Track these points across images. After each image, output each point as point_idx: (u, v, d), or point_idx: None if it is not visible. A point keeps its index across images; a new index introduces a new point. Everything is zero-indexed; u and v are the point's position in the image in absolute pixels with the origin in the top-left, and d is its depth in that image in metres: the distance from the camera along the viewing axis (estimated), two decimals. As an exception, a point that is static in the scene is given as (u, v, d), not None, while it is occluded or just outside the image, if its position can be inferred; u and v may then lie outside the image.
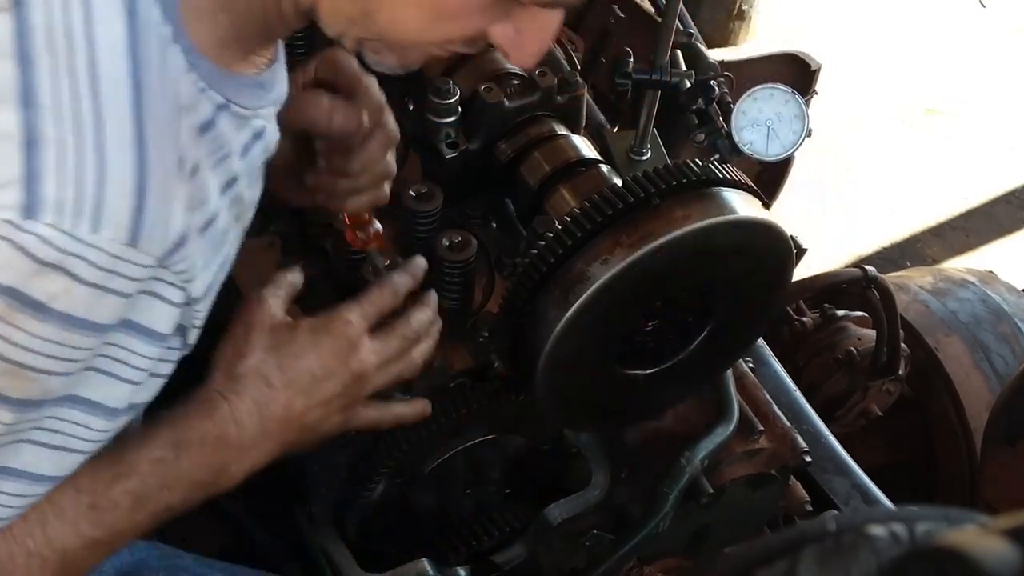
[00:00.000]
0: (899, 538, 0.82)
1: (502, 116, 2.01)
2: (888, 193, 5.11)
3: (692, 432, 2.12)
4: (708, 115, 2.30)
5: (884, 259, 4.84)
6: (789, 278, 1.90)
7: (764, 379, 2.37)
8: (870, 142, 5.30)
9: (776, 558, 0.84)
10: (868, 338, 3.14)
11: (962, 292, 3.32)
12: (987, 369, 3.14)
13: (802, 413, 2.59)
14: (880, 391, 3.12)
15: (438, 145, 2.01)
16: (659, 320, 1.84)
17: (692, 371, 1.95)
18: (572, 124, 2.06)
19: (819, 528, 0.85)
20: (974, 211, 5.17)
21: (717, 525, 2.22)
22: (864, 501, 2.51)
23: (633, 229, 1.67)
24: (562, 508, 2.07)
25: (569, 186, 1.96)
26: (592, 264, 1.67)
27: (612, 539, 2.12)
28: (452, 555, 2.04)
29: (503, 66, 2.09)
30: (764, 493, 2.22)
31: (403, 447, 1.85)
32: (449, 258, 1.89)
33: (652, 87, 2.25)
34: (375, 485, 1.90)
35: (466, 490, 2.05)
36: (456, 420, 1.88)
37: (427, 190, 1.96)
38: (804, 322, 3.22)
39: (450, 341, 1.93)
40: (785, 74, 3.60)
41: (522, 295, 1.71)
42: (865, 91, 5.45)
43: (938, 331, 3.19)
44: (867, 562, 0.81)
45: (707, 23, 4.87)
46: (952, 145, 5.35)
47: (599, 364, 1.81)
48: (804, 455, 2.17)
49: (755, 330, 1.99)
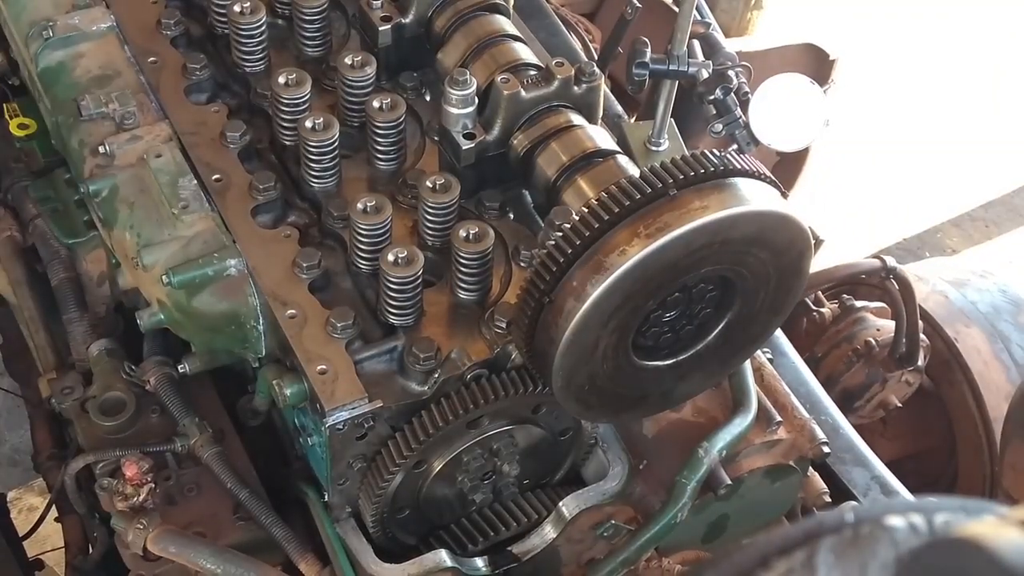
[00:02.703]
0: (918, 529, 0.81)
1: (519, 107, 2.01)
2: (907, 183, 5.09)
3: (710, 423, 2.12)
4: (726, 105, 2.30)
5: (903, 249, 4.83)
6: (807, 269, 1.89)
7: (782, 370, 2.37)
8: (889, 132, 5.28)
9: (794, 549, 0.84)
10: (887, 329, 3.13)
11: (981, 282, 3.31)
12: (1007, 359, 3.13)
13: (820, 404, 2.59)
14: (899, 382, 3.12)
15: (455, 136, 2.01)
16: (677, 311, 1.84)
17: (710, 362, 1.94)
18: (589, 115, 2.06)
19: (837, 519, 0.85)
20: (994, 201, 5.15)
21: (735, 516, 2.22)
22: (883, 492, 2.51)
23: (651, 220, 1.66)
24: (580, 499, 2.08)
25: (586, 177, 1.95)
26: (610, 255, 1.66)
27: (630, 529, 2.12)
28: (470, 545, 2.05)
29: (520, 57, 2.09)
30: (782, 484, 2.21)
31: (421, 438, 1.86)
32: (466, 249, 1.89)
33: (670, 77, 2.25)
34: (393, 476, 1.90)
35: (484, 481, 2.05)
36: (473, 411, 1.88)
37: (444, 181, 1.96)
38: (823, 313, 3.22)
39: (467, 332, 1.93)
40: (803, 64, 3.60)
41: (540, 286, 1.71)
42: (884, 81, 5.42)
43: (957, 321, 3.18)
44: (886, 553, 0.80)
45: (724, 12, 4.86)
46: (973, 135, 5.33)
47: (617, 355, 1.81)
48: (823, 446, 2.16)
49: (773, 321, 1.98)
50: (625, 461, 2.12)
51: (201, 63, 2.21)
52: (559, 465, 2.15)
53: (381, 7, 2.19)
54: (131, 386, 2.17)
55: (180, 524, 2.02)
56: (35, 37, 2.25)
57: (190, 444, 2.08)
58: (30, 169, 2.48)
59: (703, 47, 2.43)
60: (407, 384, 1.88)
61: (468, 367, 1.89)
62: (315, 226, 2.08)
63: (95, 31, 2.27)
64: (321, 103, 2.18)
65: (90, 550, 2.22)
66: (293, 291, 1.94)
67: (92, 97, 2.15)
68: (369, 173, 2.13)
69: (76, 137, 2.14)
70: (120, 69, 2.23)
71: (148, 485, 1.98)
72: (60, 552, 2.31)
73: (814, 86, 2.24)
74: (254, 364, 2.07)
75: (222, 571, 1.94)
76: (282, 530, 2.01)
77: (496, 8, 2.18)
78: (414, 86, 2.22)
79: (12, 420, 4.15)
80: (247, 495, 2.04)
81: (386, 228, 1.94)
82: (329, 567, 1.99)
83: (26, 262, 2.45)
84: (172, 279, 1.94)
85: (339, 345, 1.87)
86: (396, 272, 1.86)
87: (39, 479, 2.58)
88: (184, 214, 2.02)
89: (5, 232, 2.46)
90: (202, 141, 2.13)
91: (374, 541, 2.01)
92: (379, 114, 2.05)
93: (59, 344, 2.36)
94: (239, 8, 2.17)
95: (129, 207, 2.04)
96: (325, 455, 1.89)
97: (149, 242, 2.00)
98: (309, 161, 2.05)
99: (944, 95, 5.50)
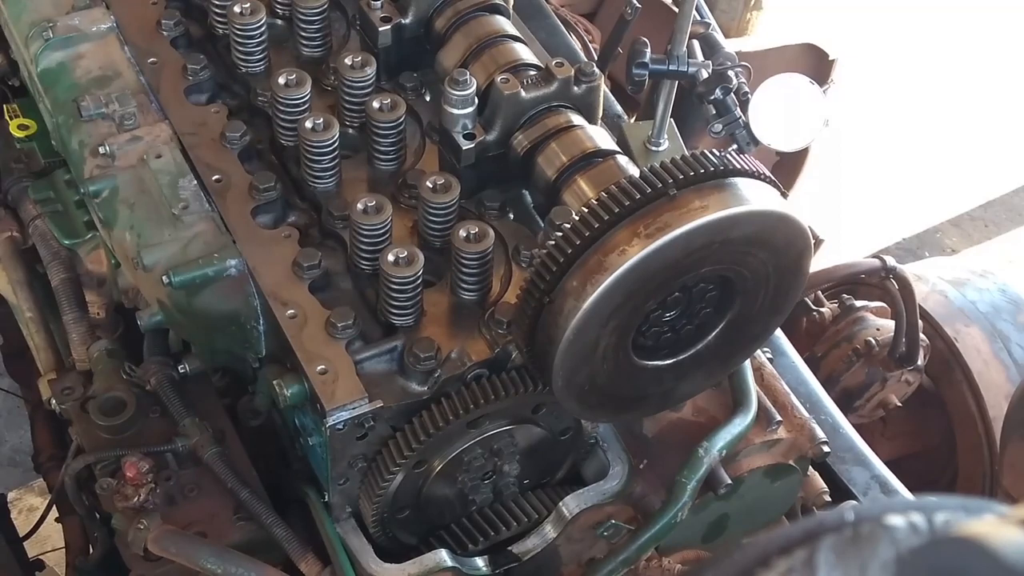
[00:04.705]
0: (918, 528, 0.82)
1: (519, 107, 2.01)
2: (907, 183, 5.09)
3: (710, 423, 2.12)
4: (726, 105, 2.30)
5: (903, 249, 4.83)
6: (807, 268, 1.89)
7: (782, 370, 2.37)
8: (888, 131, 5.28)
9: (795, 548, 0.84)
10: (887, 328, 3.13)
11: (981, 282, 3.31)
12: (1006, 359, 3.13)
13: (820, 404, 2.59)
14: (899, 381, 3.12)
15: (455, 136, 2.01)
16: (677, 311, 1.84)
17: (710, 362, 1.95)
18: (589, 115, 2.06)
19: (838, 518, 0.85)
20: (994, 201, 5.15)
21: (735, 516, 2.22)
22: (883, 491, 2.51)
23: (650, 220, 1.67)
24: (580, 499, 2.08)
25: (586, 177, 1.96)
26: (610, 255, 1.67)
27: (630, 529, 2.12)
28: (470, 545, 2.05)
29: (520, 57, 2.09)
30: (782, 483, 2.22)
31: (421, 438, 1.86)
32: (466, 249, 1.90)
33: (669, 77, 2.25)
34: (393, 476, 1.90)
35: (484, 480, 2.05)
36: (474, 411, 1.88)
37: (444, 181, 1.96)
38: (822, 312, 3.22)
39: (468, 332, 1.93)
40: (803, 64, 3.60)
41: (540, 286, 1.71)
42: (884, 80, 5.42)
43: (957, 321, 3.18)
44: (886, 552, 0.80)
45: (724, 13, 4.86)
46: (972, 135, 5.33)
47: (617, 355, 1.81)
48: (823, 445, 2.16)
49: (773, 321, 1.99)
50: (625, 461, 2.12)
51: (201, 64, 2.21)
52: (559, 465, 2.15)
53: (381, 7, 2.19)
54: (131, 386, 2.17)
55: (181, 524, 2.02)
56: (35, 38, 2.25)
57: (190, 444, 2.08)
58: (30, 170, 2.48)
59: (703, 47, 2.43)
60: (407, 384, 1.88)
61: (468, 367, 1.89)
62: (315, 226, 2.08)
63: (95, 32, 2.27)
64: (321, 103, 2.18)
65: (90, 550, 2.22)
66: (293, 291, 1.94)
67: (92, 98, 2.15)
68: (369, 173, 2.13)
69: (76, 138, 2.15)
70: (120, 70, 2.23)
71: (148, 485, 1.99)
72: (60, 552, 2.31)
73: (814, 86, 2.24)
74: (254, 364, 2.07)
75: (223, 571, 1.94)
76: (282, 530, 2.01)
77: (496, 8, 2.18)
78: (414, 86, 2.23)
79: (12, 420, 4.16)
80: (247, 495, 2.04)
81: (386, 228, 1.94)
82: (329, 567, 1.99)
83: (26, 262, 2.45)
84: (172, 279, 1.94)
85: (339, 345, 1.87)
86: (396, 272, 1.86)
87: (39, 479, 2.58)
88: (184, 214, 2.02)
89: (5, 233, 2.46)
90: (202, 142, 2.13)
91: (374, 541, 2.01)
92: (379, 114, 2.05)
93: (59, 344, 2.36)
94: (239, 9, 2.17)
95: (129, 208, 2.05)
96: (325, 455, 1.89)
97: (149, 242, 2.00)
98: (309, 161, 2.05)
99: (944, 95, 5.50)
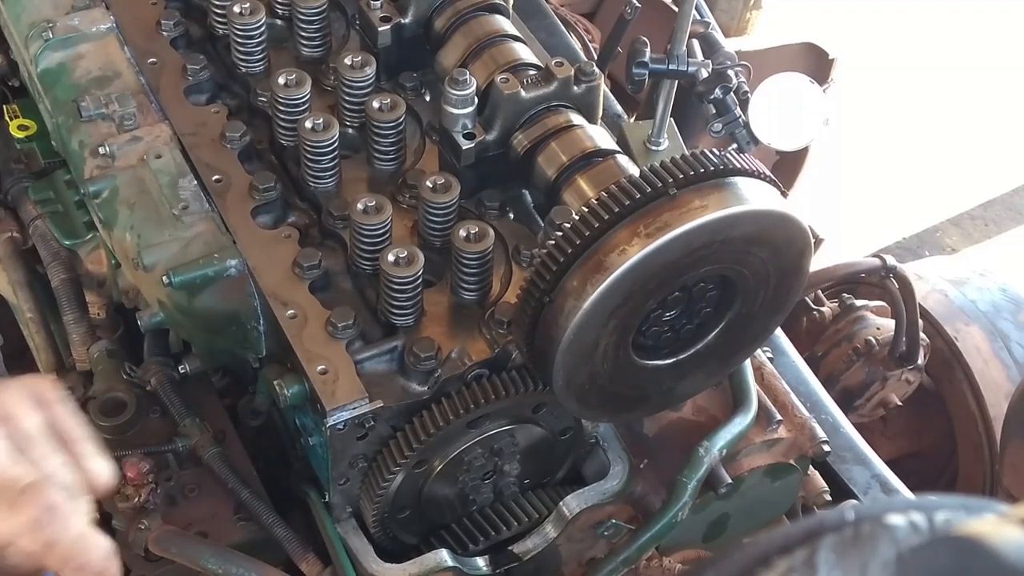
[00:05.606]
0: (918, 527, 0.82)
1: (519, 106, 2.01)
2: (906, 182, 5.09)
3: (710, 422, 2.12)
4: (726, 105, 2.30)
5: (903, 248, 4.83)
6: (807, 268, 1.89)
7: (782, 369, 2.37)
8: (888, 130, 5.28)
9: (795, 547, 0.84)
10: (887, 328, 3.13)
11: (981, 281, 3.31)
12: (1006, 358, 3.13)
13: (820, 403, 2.59)
14: (899, 381, 3.12)
15: (455, 136, 2.01)
16: (677, 310, 1.84)
17: (710, 361, 1.95)
18: (589, 114, 2.06)
19: (838, 518, 0.85)
20: (994, 200, 5.15)
21: (735, 515, 2.22)
22: (884, 491, 2.51)
23: (651, 219, 1.67)
24: (580, 498, 2.08)
25: (586, 176, 1.96)
26: (610, 254, 1.67)
27: (631, 529, 2.12)
28: (471, 545, 2.05)
29: (519, 57, 2.09)
30: (783, 483, 2.22)
31: (422, 438, 1.86)
32: (466, 249, 1.90)
33: (669, 77, 2.25)
34: (394, 476, 1.90)
35: (484, 480, 2.05)
36: (474, 411, 1.88)
37: (444, 181, 1.96)
38: (822, 312, 3.22)
39: (468, 332, 1.93)
40: (803, 64, 3.60)
41: (540, 285, 1.71)
42: (884, 80, 5.42)
43: (957, 320, 3.18)
44: (886, 551, 0.80)
45: (724, 12, 4.86)
46: (972, 134, 5.33)
47: (617, 354, 1.81)
48: (823, 445, 2.16)
49: (773, 320, 1.98)
50: (626, 460, 2.12)
51: (201, 64, 2.21)
52: (560, 464, 2.15)
53: (381, 7, 2.19)
54: (131, 387, 2.17)
55: (181, 524, 2.02)
56: (35, 38, 2.25)
57: (191, 444, 2.08)
58: (30, 170, 2.48)
59: (702, 46, 2.43)
60: (408, 384, 1.88)
61: (469, 367, 1.89)
62: (315, 226, 2.08)
63: (95, 32, 2.27)
64: (321, 103, 2.18)
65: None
66: (293, 291, 1.94)
67: (92, 98, 2.15)
68: (369, 173, 2.13)
69: (76, 138, 2.15)
70: (120, 70, 2.23)
71: (149, 486, 1.99)
72: (61, 553, 2.30)
73: (814, 85, 2.24)
74: (254, 364, 2.07)
75: (223, 571, 1.94)
76: (283, 530, 2.01)
77: (496, 8, 2.18)
78: (414, 86, 2.23)
79: (12, 421, 4.14)
80: (248, 495, 2.04)
81: (386, 228, 1.94)
82: (330, 567, 1.99)
83: (26, 263, 2.45)
84: (172, 280, 1.94)
85: (339, 345, 1.87)
86: (396, 272, 1.86)
87: (40, 480, 2.57)
88: (184, 215, 2.02)
89: (5, 233, 2.46)
90: (202, 142, 2.13)
91: (375, 541, 2.01)
92: (379, 114, 2.05)
93: (59, 345, 2.36)
94: (239, 9, 2.17)
95: (129, 208, 2.05)
96: (326, 455, 1.89)
97: (149, 243, 2.00)
98: (309, 161, 2.05)
99: (944, 94, 5.50)
